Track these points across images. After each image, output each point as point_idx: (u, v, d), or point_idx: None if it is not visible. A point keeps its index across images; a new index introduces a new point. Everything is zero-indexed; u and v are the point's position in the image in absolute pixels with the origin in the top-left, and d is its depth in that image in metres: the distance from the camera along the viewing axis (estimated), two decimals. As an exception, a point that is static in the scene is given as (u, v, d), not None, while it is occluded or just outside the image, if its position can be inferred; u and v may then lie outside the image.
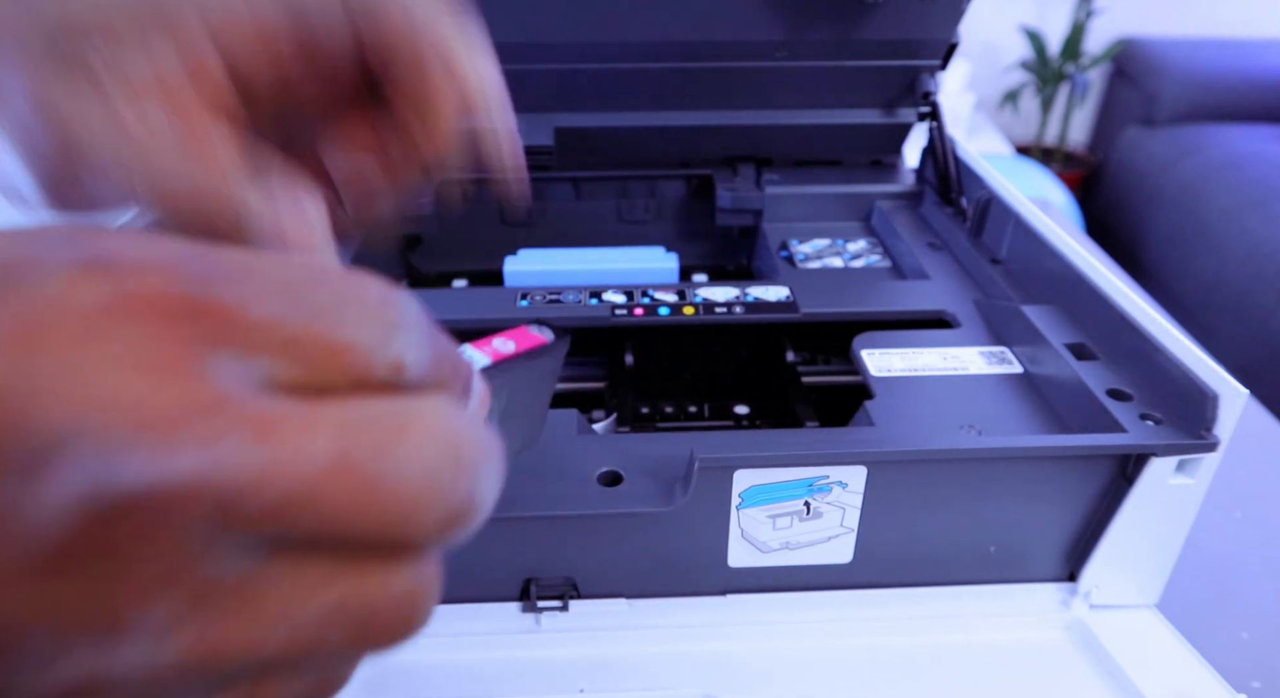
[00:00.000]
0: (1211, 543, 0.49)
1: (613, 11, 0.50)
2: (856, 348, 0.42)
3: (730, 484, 0.33)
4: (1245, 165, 1.72)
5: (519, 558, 0.35)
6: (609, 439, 0.37)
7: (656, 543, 0.35)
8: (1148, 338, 0.36)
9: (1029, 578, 0.37)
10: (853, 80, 0.56)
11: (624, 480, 0.34)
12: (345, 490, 0.12)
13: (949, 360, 0.41)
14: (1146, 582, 0.37)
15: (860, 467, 0.33)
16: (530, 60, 0.53)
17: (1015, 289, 0.46)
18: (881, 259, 0.54)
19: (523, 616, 0.36)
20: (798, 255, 0.54)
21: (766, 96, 0.57)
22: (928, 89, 0.56)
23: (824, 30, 0.52)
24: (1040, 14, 2.15)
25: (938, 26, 0.53)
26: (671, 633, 0.35)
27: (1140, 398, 0.35)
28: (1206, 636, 0.35)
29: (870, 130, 0.59)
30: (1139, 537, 0.35)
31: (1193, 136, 1.88)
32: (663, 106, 0.57)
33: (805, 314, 0.46)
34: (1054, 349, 0.38)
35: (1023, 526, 0.36)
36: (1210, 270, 1.63)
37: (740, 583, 0.36)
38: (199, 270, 0.13)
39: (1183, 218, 1.75)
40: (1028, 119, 2.26)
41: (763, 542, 0.35)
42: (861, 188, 0.59)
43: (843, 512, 0.34)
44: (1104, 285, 0.40)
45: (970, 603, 0.37)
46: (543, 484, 0.34)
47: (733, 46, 0.53)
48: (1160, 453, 0.32)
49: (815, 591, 0.37)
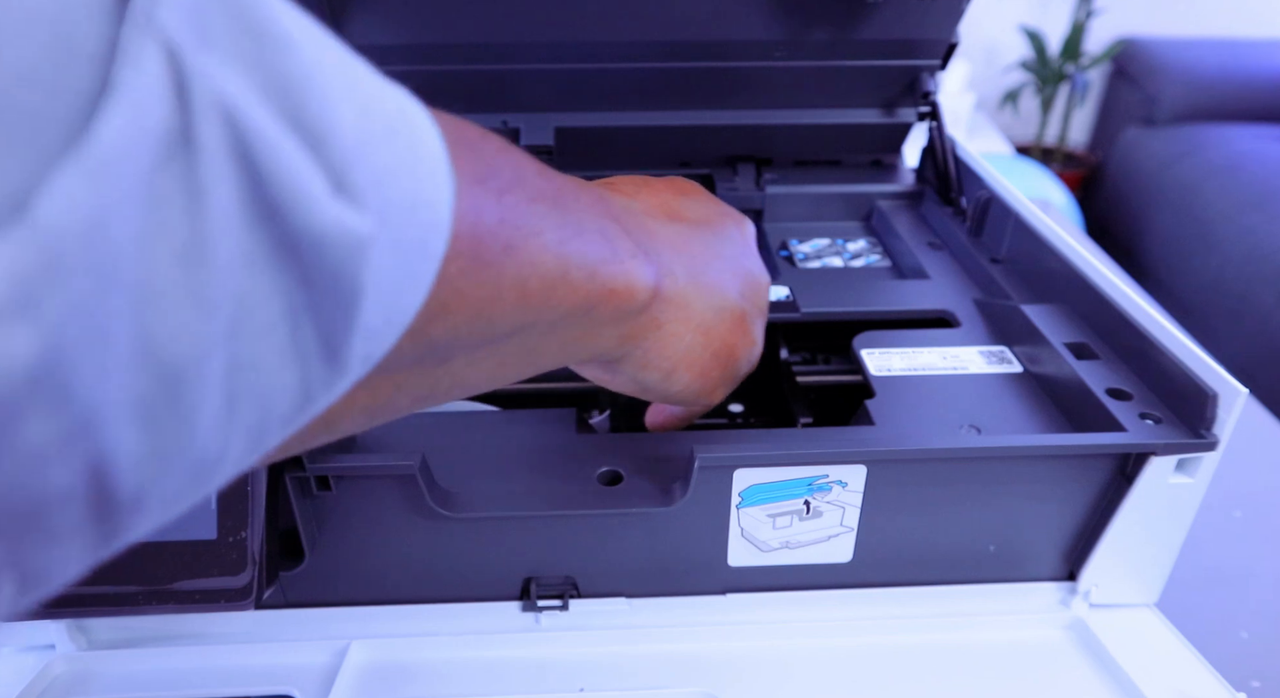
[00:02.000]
0: (1211, 543, 0.49)
1: (613, 11, 0.50)
2: (857, 347, 0.42)
3: (730, 483, 0.33)
4: (1245, 165, 1.72)
5: (519, 557, 0.35)
6: (609, 439, 0.37)
7: (656, 542, 0.35)
8: (1148, 337, 0.36)
9: (1029, 577, 0.37)
10: (853, 80, 0.56)
11: (624, 480, 0.34)
12: None
13: (949, 360, 0.41)
14: (1146, 581, 0.37)
15: (860, 466, 0.33)
16: (530, 60, 0.53)
17: (1015, 289, 0.46)
18: (881, 259, 0.54)
19: (523, 615, 0.36)
20: (798, 255, 0.54)
21: (766, 96, 0.57)
22: (927, 89, 0.56)
23: (824, 30, 0.52)
24: (1040, 14, 2.15)
25: (938, 26, 0.53)
26: (671, 632, 0.35)
27: (1140, 397, 0.35)
28: (1206, 635, 0.35)
29: (870, 130, 0.59)
30: (1139, 536, 0.35)
31: (1193, 136, 1.88)
32: (663, 106, 0.57)
33: (805, 314, 0.46)
34: (1054, 349, 0.38)
35: (1022, 524, 0.36)
36: (1210, 270, 1.63)
37: (740, 582, 0.36)
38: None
39: (1183, 218, 1.75)
40: (1028, 119, 2.26)
41: (763, 541, 0.35)
42: (861, 188, 0.59)
43: (843, 511, 0.34)
44: (1104, 285, 0.40)
45: (970, 602, 0.37)
46: (543, 484, 0.34)
47: (733, 46, 0.53)
48: (1160, 452, 0.33)
49: (815, 590, 0.37)
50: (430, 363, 0.19)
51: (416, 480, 0.32)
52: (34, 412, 0.10)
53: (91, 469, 0.11)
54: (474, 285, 0.18)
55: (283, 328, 0.14)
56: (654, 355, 0.26)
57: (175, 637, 0.35)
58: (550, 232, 0.20)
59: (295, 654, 0.34)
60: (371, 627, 0.36)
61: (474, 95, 0.55)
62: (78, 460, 0.11)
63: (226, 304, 0.12)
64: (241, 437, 0.14)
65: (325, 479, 0.32)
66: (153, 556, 0.30)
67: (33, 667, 0.33)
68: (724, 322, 0.28)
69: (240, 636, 0.35)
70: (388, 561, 0.35)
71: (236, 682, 0.33)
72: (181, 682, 0.33)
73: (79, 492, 0.11)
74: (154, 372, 0.12)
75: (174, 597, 0.31)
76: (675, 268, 0.26)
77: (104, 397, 0.11)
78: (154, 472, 0.12)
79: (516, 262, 0.19)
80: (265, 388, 0.14)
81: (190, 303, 0.12)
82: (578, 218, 0.21)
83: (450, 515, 0.33)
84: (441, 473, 0.34)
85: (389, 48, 0.52)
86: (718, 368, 0.28)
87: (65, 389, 0.11)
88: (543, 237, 0.19)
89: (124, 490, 0.12)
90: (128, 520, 0.13)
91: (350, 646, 0.34)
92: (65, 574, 0.12)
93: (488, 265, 0.18)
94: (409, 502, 0.33)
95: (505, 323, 0.19)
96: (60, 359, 0.10)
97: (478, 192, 0.18)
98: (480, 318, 0.18)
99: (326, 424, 0.18)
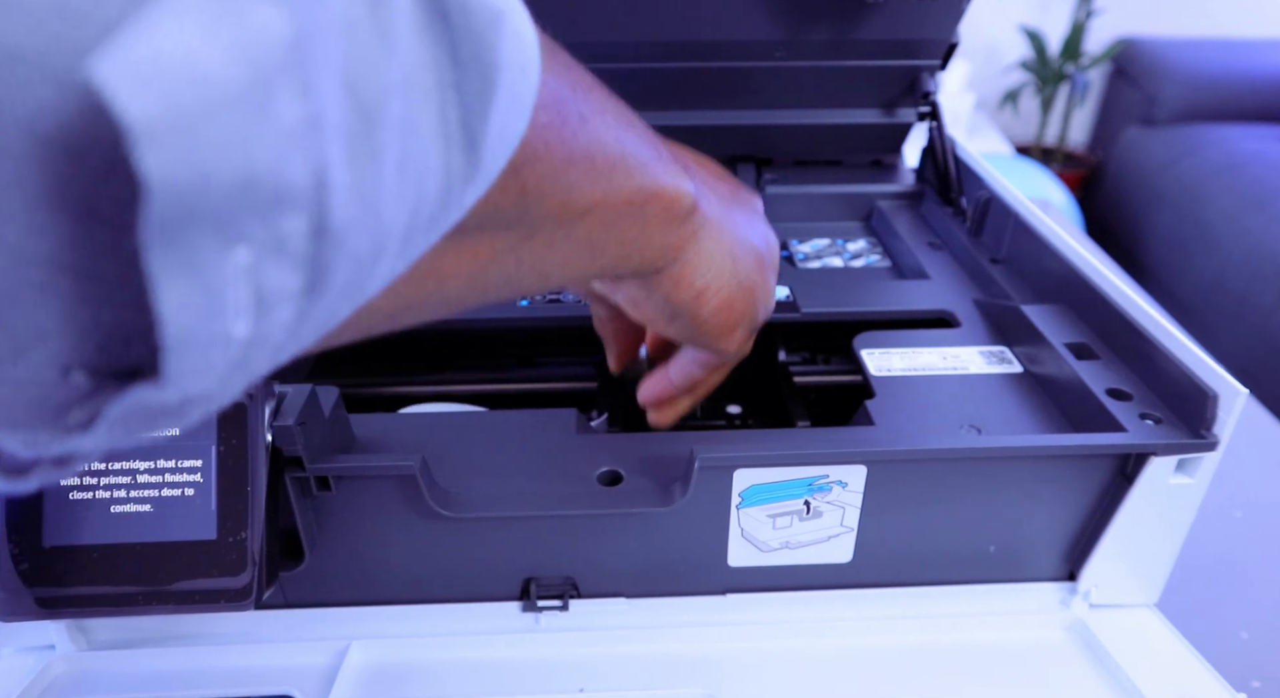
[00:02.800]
0: (1211, 543, 0.49)
1: (614, 12, 0.50)
2: (857, 347, 0.42)
3: (730, 484, 0.33)
4: (1245, 165, 1.72)
5: (519, 557, 0.35)
6: (609, 439, 0.37)
7: (656, 542, 0.35)
8: (1148, 338, 0.36)
9: (1029, 577, 0.37)
10: (853, 80, 0.56)
11: (624, 480, 0.34)
12: None
13: (949, 360, 0.41)
14: (1146, 581, 0.37)
15: (860, 466, 0.33)
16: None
17: (1015, 289, 0.46)
18: (881, 259, 0.54)
19: (523, 615, 0.36)
20: (798, 255, 0.54)
21: (766, 96, 0.57)
22: (927, 89, 0.56)
23: (824, 30, 0.52)
24: (1040, 14, 2.15)
25: (938, 26, 0.53)
26: (671, 633, 0.35)
27: (1140, 398, 0.35)
28: (1206, 635, 0.35)
29: (870, 130, 0.59)
30: (1139, 536, 0.35)
31: (1193, 136, 1.88)
32: (663, 106, 0.57)
33: (805, 314, 0.46)
34: (1054, 349, 0.38)
35: (1023, 525, 0.36)
36: (1210, 271, 1.63)
37: (740, 582, 0.36)
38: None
39: (1183, 218, 1.75)
40: (1028, 119, 2.26)
41: (763, 541, 0.35)
42: (861, 188, 0.59)
43: (843, 511, 0.34)
44: (1104, 285, 0.40)
45: (970, 603, 0.37)
46: (543, 484, 0.34)
47: (733, 46, 0.53)
48: (1160, 452, 0.33)
49: (815, 590, 0.37)
50: (521, 229, 0.22)
51: (416, 481, 0.32)
52: (286, 90, 0.12)
53: (318, 175, 0.12)
54: (557, 141, 0.20)
55: (434, 101, 0.15)
56: (689, 271, 0.29)
57: (175, 637, 0.35)
58: (611, 128, 0.23)
59: (295, 655, 0.34)
60: (371, 627, 0.36)
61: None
62: (312, 157, 0.12)
63: (400, 54, 0.14)
64: (403, 220, 0.15)
65: (325, 480, 0.32)
66: (153, 556, 0.30)
67: (33, 667, 0.33)
68: (749, 256, 0.31)
69: (240, 636, 0.35)
70: (388, 561, 0.35)
71: (236, 682, 0.33)
72: (181, 682, 0.33)
73: (308, 196, 0.12)
74: (353, 103, 0.13)
75: (174, 597, 0.31)
76: (709, 195, 0.29)
77: (326, 106, 0.12)
78: (355, 213, 0.14)
79: (587, 134, 0.22)
80: (422, 163, 0.15)
81: (378, 41, 0.14)
82: (632, 126, 0.25)
83: (450, 516, 0.33)
84: (441, 473, 0.34)
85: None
86: (742, 301, 0.31)
87: (307, 78, 0.12)
88: (608, 125, 0.23)
89: (335, 218, 0.13)
90: (331, 262, 0.14)
91: (350, 646, 0.34)
92: (281, 317, 0.13)
93: (565, 124, 0.21)
94: (409, 502, 0.33)
95: (579, 194, 0.22)
96: (304, 46, 0.12)
97: (558, 71, 0.21)
98: (561, 176, 0.21)
99: (437, 280, 0.21)
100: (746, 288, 0.31)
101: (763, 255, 0.32)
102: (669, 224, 0.27)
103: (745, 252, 0.31)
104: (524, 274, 0.23)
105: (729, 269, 0.30)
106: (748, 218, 0.32)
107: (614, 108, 0.24)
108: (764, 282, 0.32)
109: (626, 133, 0.24)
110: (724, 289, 0.30)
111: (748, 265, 0.31)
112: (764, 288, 0.32)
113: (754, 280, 0.31)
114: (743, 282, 0.30)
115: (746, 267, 0.31)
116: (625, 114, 0.25)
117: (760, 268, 0.32)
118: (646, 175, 0.25)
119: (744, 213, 0.32)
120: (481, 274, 0.22)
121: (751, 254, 0.31)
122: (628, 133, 0.24)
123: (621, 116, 0.25)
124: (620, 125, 0.24)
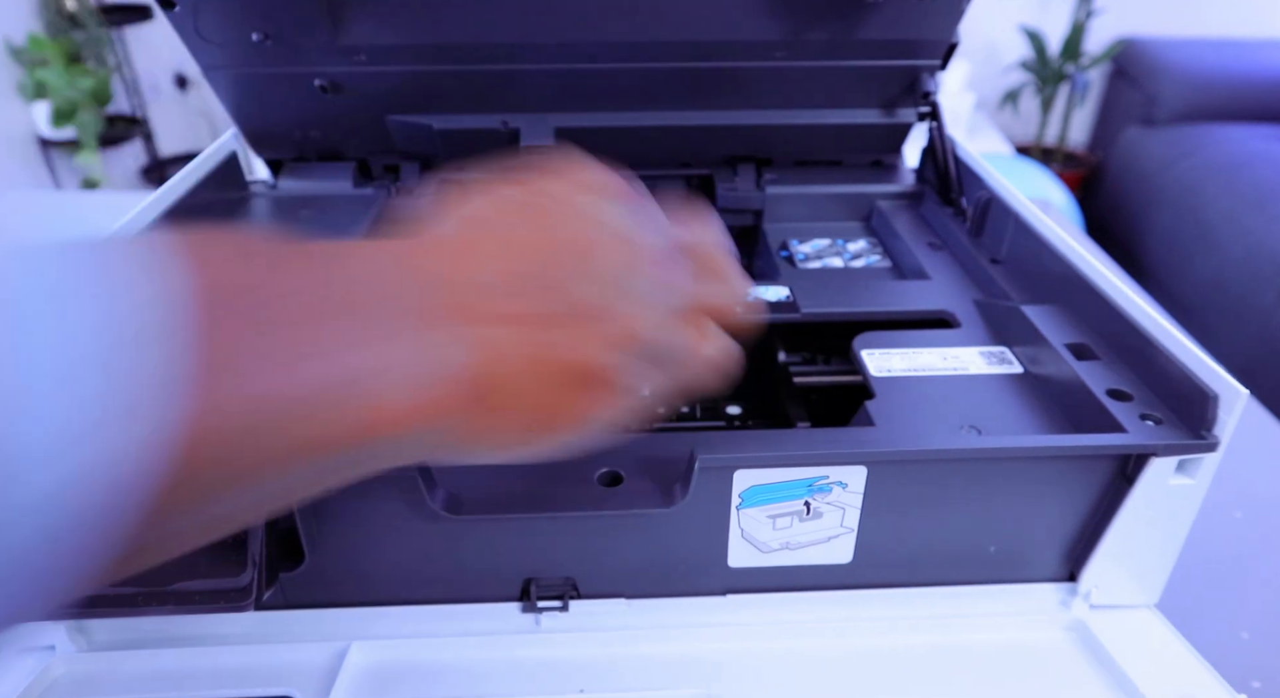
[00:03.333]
0: (1211, 543, 0.49)
1: (613, 12, 0.50)
2: (857, 348, 0.42)
3: (730, 484, 0.33)
4: (1245, 165, 1.72)
5: (519, 558, 0.35)
6: (609, 439, 0.37)
7: (656, 543, 0.35)
8: (1148, 338, 0.36)
9: (1029, 578, 0.37)
10: (853, 80, 0.56)
11: (624, 480, 0.34)
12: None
13: (949, 360, 0.41)
14: (1146, 582, 0.37)
15: (860, 467, 0.33)
16: (530, 61, 0.53)
17: (1015, 289, 0.46)
18: (881, 259, 0.54)
19: (523, 616, 0.36)
20: (798, 255, 0.54)
21: (766, 96, 0.57)
22: (927, 89, 0.56)
23: (824, 30, 0.52)
24: (1040, 14, 2.15)
25: (938, 26, 0.53)
26: (671, 633, 0.35)
27: (1140, 398, 0.35)
28: (1206, 636, 0.35)
29: (870, 130, 0.59)
30: (1139, 537, 0.35)
31: (1193, 136, 1.88)
32: (663, 106, 0.57)
33: (805, 314, 0.46)
34: (1054, 349, 0.38)
35: (1023, 525, 0.36)
36: (1210, 271, 1.63)
37: (740, 583, 0.36)
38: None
39: (1182, 218, 1.75)
40: (1028, 119, 2.26)
41: (763, 542, 0.35)
42: (861, 188, 0.59)
43: (843, 512, 0.34)
44: (1104, 285, 0.40)
45: (970, 603, 0.37)
46: (543, 484, 0.34)
47: (733, 46, 0.53)
48: (1160, 453, 0.32)
49: (815, 591, 0.37)
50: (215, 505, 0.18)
51: (416, 482, 0.32)
52: None
53: None
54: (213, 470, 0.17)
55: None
56: (493, 436, 0.23)
57: (175, 638, 0.35)
58: (295, 359, 0.18)
59: (295, 655, 0.34)
60: (371, 628, 0.36)
61: (474, 95, 0.55)
62: None
63: None
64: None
65: (325, 480, 0.32)
66: (152, 556, 0.30)
67: (33, 668, 0.33)
68: (571, 344, 0.23)
69: (240, 636, 0.35)
70: (387, 562, 0.35)
71: (236, 683, 0.33)
72: (181, 683, 0.33)
73: None
74: None
75: (174, 598, 0.31)
76: (518, 291, 0.22)
77: None
78: None
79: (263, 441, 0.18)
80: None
81: None
82: (343, 311, 0.19)
83: (450, 517, 0.33)
84: (441, 474, 0.34)
85: (389, 48, 0.52)
86: (562, 392, 0.24)
87: None
88: (286, 360, 0.18)
89: None
90: None
91: (350, 646, 0.34)
92: None
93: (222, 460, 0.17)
94: (409, 503, 0.33)
95: (260, 474, 0.18)
96: None
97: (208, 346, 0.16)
98: (234, 460, 0.17)
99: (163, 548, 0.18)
100: (572, 371, 0.23)
101: (600, 312, 0.23)
102: (438, 430, 0.21)
103: (564, 337, 0.22)
104: (259, 505, 0.20)
105: (545, 398, 0.23)
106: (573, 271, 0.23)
107: (305, 308, 0.18)
108: (638, 310, 0.24)
109: (327, 343, 0.18)
110: (543, 407, 0.23)
111: (562, 351, 0.23)
112: (641, 318, 0.24)
113: (577, 356, 0.23)
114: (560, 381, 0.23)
115: (560, 353, 0.23)
116: (323, 303, 0.19)
117: (588, 337, 0.23)
118: (364, 404, 0.19)
119: (571, 274, 0.23)
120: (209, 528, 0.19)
121: (575, 336, 0.23)
122: (330, 341, 0.18)
123: (317, 312, 0.18)
124: (313, 336, 0.18)
